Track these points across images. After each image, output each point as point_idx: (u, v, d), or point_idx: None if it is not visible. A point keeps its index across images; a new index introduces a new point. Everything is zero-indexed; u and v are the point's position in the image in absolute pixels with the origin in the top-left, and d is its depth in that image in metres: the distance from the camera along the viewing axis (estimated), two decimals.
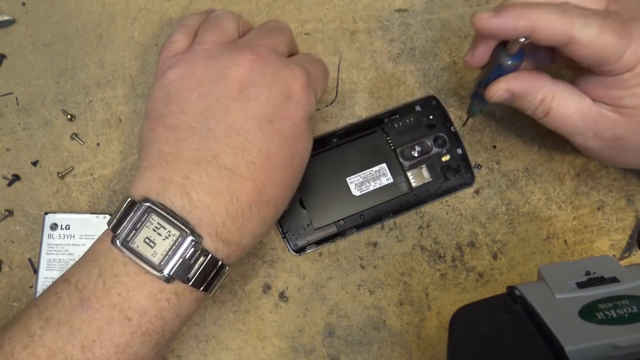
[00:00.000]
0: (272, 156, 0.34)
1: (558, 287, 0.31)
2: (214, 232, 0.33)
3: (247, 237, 0.35)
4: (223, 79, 0.35)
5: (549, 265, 0.33)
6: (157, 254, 0.32)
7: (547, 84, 0.38)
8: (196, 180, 0.33)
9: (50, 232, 0.46)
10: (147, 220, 0.33)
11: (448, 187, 0.45)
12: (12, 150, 0.48)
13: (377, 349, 0.44)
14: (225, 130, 0.34)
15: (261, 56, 0.36)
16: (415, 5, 0.49)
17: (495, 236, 0.45)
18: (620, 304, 0.29)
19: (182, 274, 0.33)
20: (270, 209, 0.35)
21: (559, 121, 0.38)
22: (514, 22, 0.34)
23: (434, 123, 0.46)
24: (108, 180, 0.47)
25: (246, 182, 0.34)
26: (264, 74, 0.35)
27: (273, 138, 0.35)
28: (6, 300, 0.46)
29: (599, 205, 0.46)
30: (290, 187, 0.37)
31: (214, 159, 0.34)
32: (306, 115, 0.37)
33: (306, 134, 0.37)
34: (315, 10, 0.49)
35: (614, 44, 0.34)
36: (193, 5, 0.49)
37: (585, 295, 0.30)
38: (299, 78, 0.36)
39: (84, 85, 0.49)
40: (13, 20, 0.49)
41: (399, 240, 0.45)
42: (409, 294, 0.45)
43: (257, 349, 0.44)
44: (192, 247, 0.32)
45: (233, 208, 0.33)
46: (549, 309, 0.30)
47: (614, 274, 0.31)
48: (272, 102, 0.35)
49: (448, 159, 0.45)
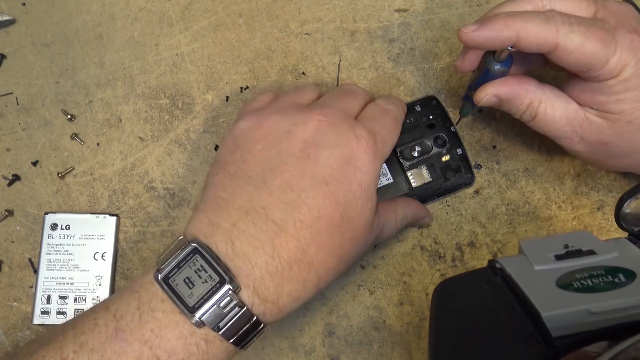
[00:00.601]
0: (321, 218, 0.34)
1: (537, 260, 0.32)
2: (252, 285, 0.33)
3: (285, 297, 0.34)
4: (288, 135, 0.35)
5: (529, 239, 0.34)
6: (193, 296, 0.32)
7: (533, 89, 0.38)
8: (242, 229, 0.33)
9: (50, 232, 0.46)
10: (190, 260, 0.33)
11: (448, 187, 0.45)
12: (12, 150, 0.48)
13: (377, 349, 0.44)
14: (280, 185, 0.34)
15: (329, 117, 0.36)
16: (415, 5, 0.49)
17: (495, 236, 0.45)
18: (596, 274, 0.30)
19: (212, 321, 0.32)
20: (311, 273, 0.34)
21: (545, 125, 0.39)
22: (498, 33, 0.35)
23: (434, 123, 0.46)
24: (108, 180, 0.47)
25: (290, 239, 0.33)
26: (327, 135, 0.35)
27: (325, 200, 0.34)
28: (6, 300, 0.46)
29: (599, 205, 0.46)
30: (337, 254, 0.35)
31: (264, 210, 0.34)
32: (366, 181, 0.36)
33: (362, 202, 0.35)
34: (315, 10, 0.49)
35: (598, 50, 0.34)
36: (193, 5, 0.49)
37: (562, 266, 0.31)
38: (362, 143, 0.36)
39: (84, 85, 0.49)
40: (13, 20, 0.49)
41: (399, 241, 0.45)
42: (409, 294, 0.45)
43: (257, 349, 0.44)
44: (227, 296, 0.32)
45: (273, 264, 0.33)
46: (527, 279, 0.30)
47: (592, 247, 0.32)
48: (331, 164, 0.35)
49: (448, 159, 0.45)
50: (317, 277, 0.35)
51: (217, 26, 0.49)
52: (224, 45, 0.49)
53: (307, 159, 0.35)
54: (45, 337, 0.34)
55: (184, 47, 0.49)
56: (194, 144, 0.48)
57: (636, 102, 0.36)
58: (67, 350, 0.32)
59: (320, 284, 0.35)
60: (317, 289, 0.35)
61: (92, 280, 0.45)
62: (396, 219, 0.40)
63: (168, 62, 0.49)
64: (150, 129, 0.48)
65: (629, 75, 0.35)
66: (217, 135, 0.48)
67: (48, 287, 0.45)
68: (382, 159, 0.37)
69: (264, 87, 0.48)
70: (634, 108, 0.36)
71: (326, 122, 0.36)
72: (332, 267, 0.35)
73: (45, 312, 0.45)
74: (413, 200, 0.44)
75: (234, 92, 0.48)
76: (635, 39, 0.35)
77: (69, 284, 0.45)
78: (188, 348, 0.32)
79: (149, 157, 0.48)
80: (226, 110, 0.48)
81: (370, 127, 0.37)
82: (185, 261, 0.33)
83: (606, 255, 0.31)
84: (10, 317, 0.46)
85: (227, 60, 0.49)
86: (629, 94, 0.35)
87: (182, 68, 0.49)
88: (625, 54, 0.34)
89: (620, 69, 0.35)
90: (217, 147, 0.47)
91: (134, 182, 0.47)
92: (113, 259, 0.46)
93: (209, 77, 0.49)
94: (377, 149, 0.36)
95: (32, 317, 0.45)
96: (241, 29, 0.49)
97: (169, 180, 0.47)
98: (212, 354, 0.33)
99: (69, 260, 0.45)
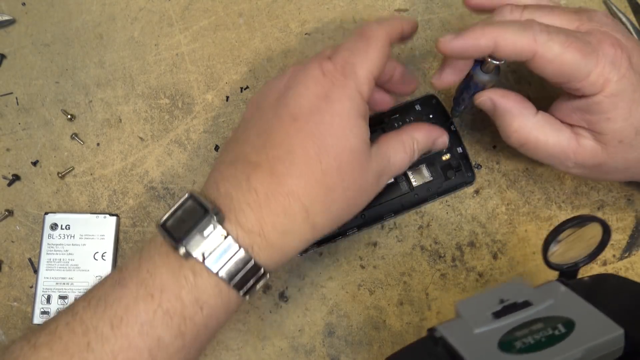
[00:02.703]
0: (292, 151, 0.35)
1: (475, 321, 0.30)
2: (234, 218, 0.34)
3: (269, 229, 0.34)
4: (267, 91, 0.39)
5: (465, 300, 0.32)
6: (181, 230, 0.34)
7: (527, 115, 0.38)
8: (226, 175, 0.36)
9: (50, 232, 0.46)
10: (184, 206, 0.35)
11: (449, 186, 0.45)
12: (12, 150, 0.48)
13: (377, 349, 0.44)
14: (257, 133, 0.37)
15: (302, 64, 0.38)
16: (415, 5, 0.49)
17: (495, 236, 0.45)
18: (536, 329, 0.29)
19: (197, 250, 0.34)
20: (293, 203, 0.35)
21: (537, 152, 0.39)
22: (476, 41, 0.35)
23: (433, 122, 0.46)
24: (108, 180, 0.47)
25: (265, 174, 0.35)
26: (296, 78, 0.37)
27: (297, 133, 0.35)
28: (6, 300, 0.46)
29: (599, 205, 0.46)
30: (321, 183, 0.35)
31: (244, 157, 0.36)
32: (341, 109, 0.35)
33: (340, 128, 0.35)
34: (315, 10, 0.49)
35: (577, 61, 0.34)
36: (193, 5, 0.49)
37: (501, 325, 0.30)
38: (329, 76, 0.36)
39: (84, 85, 0.49)
40: (13, 20, 0.49)
41: (399, 240, 0.45)
42: (409, 293, 0.45)
43: (257, 348, 0.44)
44: (210, 224, 0.34)
45: (251, 197, 0.35)
46: (469, 346, 0.29)
47: (526, 297, 0.31)
48: (300, 101, 0.36)
49: (448, 157, 0.45)
50: (303, 209, 0.35)
51: (217, 26, 0.49)
52: (224, 45, 0.49)
53: (278, 103, 0.37)
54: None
55: (184, 47, 0.49)
56: (194, 144, 0.48)
57: (626, 121, 0.36)
58: (77, 308, 0.34)
59: (311, 217, 0.35)
60: (309, 224, 0.35)
61: (92, 280, 0.45)
62: (403, 144, 0.39)
63: (168, 62, 0.49)
64: (150, 129, 0.48)
65: (614, 91, 0.35)
66: (217, 135, 0.48)
67: (48, 287, 0.45)
68: (355, 85, 0.36)
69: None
70: (624, 127, 0.36)
71: (298, 68, 0.38)
72: (319, 199, 0.35)
73: (45, 312, 0.45)
74: (421, 122, 0.42)
75: (234, 92, 0.48)
76: (619, 53, 0.35)
77: (69, 283, 0.45)
78: (178, 282, 0.33)
79: (149, 157, 0.48)
80: (226, 110, 0.48)
81: (341, 58, 0.37)
82: (180, 207, 0.35)
83: (541, 304, 0.30)
84: (10, 317, 0.46)
85: (227, 60, 0.49)
86: (619, 112, 0.35)
87: (182, 68, 0.49)
88: (608, 68, 0.34)
89: (602, 83, 0.35)
90: (217, 147, 0.47)
91: (134, 182, 0.47)
92: (113, 259, 0.46)
93: (209, 77, 0.49)
94: (347, 76, 0.36)
95: (32, 317, 0.45)
96: (241, 29, 0.49)
97: (169, 180, 0.47)
98: (201, 288, 0.34)
99: (69, 260, 0.45)
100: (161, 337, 0.33)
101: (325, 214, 0.36)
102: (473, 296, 0.33)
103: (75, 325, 0.33)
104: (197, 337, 0.35)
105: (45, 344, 0.33)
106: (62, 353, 0.33)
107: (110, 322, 0.33)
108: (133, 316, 0.33)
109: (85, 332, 0.33)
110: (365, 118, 0.37)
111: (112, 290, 0.34)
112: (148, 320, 0.33)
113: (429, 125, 0.41)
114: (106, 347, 0.33)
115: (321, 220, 0.36)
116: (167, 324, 0.33)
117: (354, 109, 0.36)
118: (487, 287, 0.44)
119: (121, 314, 0.33)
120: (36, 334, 0.34)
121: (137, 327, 0.33)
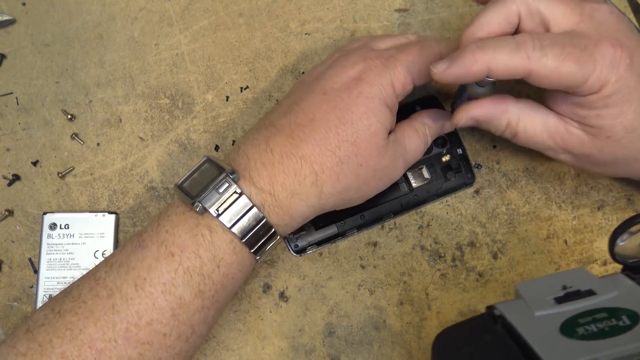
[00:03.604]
0: (315, 119, 0.37)
1: (536, 304, 0.31)
2: (248, 175, 0.36)
3: (279, 188, 0.36)
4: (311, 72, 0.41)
5: (526, 282, 0.33)
6: (197, 188, 0.36)
7: (510, 108, 0.38)
8: (249, 138, 0.38)
9: (49, 232, 0.46)
10: (202, 167, 0.37)
11: (448, 187, 0.45)
12: (12, 150, 0.48)
13: (377, 348, 0.44)
14: (288, 104, 0.39)
15: (347, 50, 0.41)
16: (415, 5, 0.49)
17: (496, 236, 0.45)
18: (599, 317, 0.29)
19: (211, 205, 0.35)
20: (304, 166, 0.36)
21: (527, 141, 0.39)
22: (468, 69, 0.35)
23: None
24: (108, 180, 0.47)
25: (284, 136, 0.37)
26: (338, 61, 0.39)
27: (322, 105, 0.37)
28: (6, 300, 0.46)
29: (599, 205, 0.46)
30: (335, 154, 0.37)
31: (270, 122, 0.38)
32: (369, 91, 0.37)
33: (364, 108, 0.37)
34: (315, 10, 0.49)
35: (574, 71, 0.34)
36: (193, 5, 0.49)
37: (563, 310, 0.30)
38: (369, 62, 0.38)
39: (84, 85, 0.49)
40: (13, 20, 0.49)
41: (399, 240, 0.45)
42: (409, 293, 0.45)
43: (257, 348, 0.44)
44: (225, 181, 0.35)
45: (266, 156, 0.37)
46: (529, 327, 0.30)
47: (590, 286, 0.31)
48: (334, 78, 0.38)
49: (448, 159, 0.45)
50: (313, 174, 0.37)
51: (217, 26, 0.49)
52: (224, 45, 0.49)
53: (315, 79, 0.39)
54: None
55: (184, 47, 0.49)
56: (194, 144, 0.48)
57: (616, 119, 0.35)
58: (99, 273, 0.36)
59: (319, 182, 0.37)
60: (317, 189, 0.37)
61: None
62: (416, 131, 0.41)
63: (168, 62, 0.49)
64: (150, 129, 0.48)
65: (610, 93, 0.34)
66: (217, 135, 0.48)
67: (49, 287, 0.45)
68: (391, 77, 0.38)
69: (264, 87, 0.48)
70: (613, 125, 0.36)
71: (342, 53, 0.40)
72: (330, 166, 0.37)
73: None
74: (427, 110, 0.43)
75: (234, 92, 0.48)
76: (618, 54, 0.34)
77: (70, 283, 0.45)
78: (195, 239, 0.35)
79: (149, 157, 0.48)
80: (226, 110, 0.48)
81: (387, 51, 0.40)
82: (197, 169, 0.37)
83: (606, 295, 0.30)
84: (10, 317, 0.46)
85: (227, 60, 0.49)
86: (610, 111, 0.35)
87: (182, 68, 0.49)
88: (606, 71, 0.34)
89: (600, 86, 0.34)
90: (217, 147, 0.47)
91: (134, 182, 0.47)
92: None
93: (209, 77, 0.49)
94: (387, 66, 0.38)
95: None
96: (241, 29, 0.49)
97: (169, 180, 0.47)
98: (217, 244, 0.35)
99: (69, 259, 0.45)
100: (182, 296, 0.35)
101: (334, 183, 0.37)
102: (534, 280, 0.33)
103: (99, 290, 0.35)
104: (215, 297, 0.36)
105: (70, 310, 0.34)
106: (88, 317, 0.34)
107: (134, 282, 0.34)
108: (156, 276, 0.34)
109: (109, 295, 0.34)
110: (390, 108, 0.38)
111: (133, 253, 0.35)
112: (170, 279, 0.34)
113: (435, 110, 0.43)
114: (131, 308, 0.34)
115: (328, 189, 0.37)
116: (188, 282, 0.35)
117: (381, 95, 0.38)
118: (488, 286, 0.45)
119: (144, 274, 0.34)
120: (59, 301, 0.35)
121: (160, 286, 0.34)
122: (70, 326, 0.33)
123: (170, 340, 0.35)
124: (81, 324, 0.33)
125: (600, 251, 0.45)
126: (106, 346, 0.33)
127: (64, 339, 0.33)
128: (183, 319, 0.35)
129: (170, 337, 0.35)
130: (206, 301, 0.36)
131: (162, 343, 0.35)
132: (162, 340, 0.35)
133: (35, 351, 0.33)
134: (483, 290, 0.44)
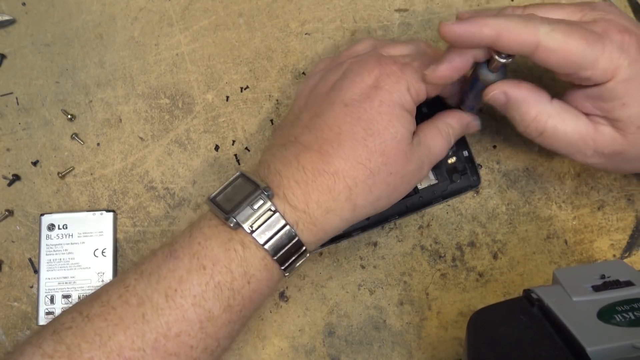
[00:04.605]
0: (342, 133, 0.37)
1: (574, 290, 0.31)
2: (282, 193, 0.36)
3: (314, 206, 0.36)
4: (323, 81, 0.41)
5: (564, 268, 0.34)
6: (231, 204, 0.36)
7: (544, 102, 0.37)
8: (277, 155, 0.38)
9: (48, 233, 0.46)
10: (235, 182, 0.38)
11: (454, 189, 0.45)
12: (12, 150, 0.48)
13: (377, 348, 0.44)
14: (309, 118, 0.39)
15: (359, 57, 0.40)
16: (415, 5, 0.49)
17: (496, 236, 0.45)
18: (637, 307, 0.30)
19: (245, 220, 0.35)
20: (338, 182, 0.36)
21: (556, 141, 0.38)
22: (479, 29, 0.34)
23: None
24: (108, 180, 0.47)
25: (314, 154, 0.37)
26: (352, 70, 0.39)
27: (346, 117, 0.37)
28: (6, 300, 0.46)
29: (599, 205, 0.46)
30: (365, 166, 0.37)
31: (295, 138, 0.38)
32: (389, 99, 0.37)
33: (387, 117, 0.37)
34: (315, 10, 0.49)
35: (582, 49, 0.33)
36: (193, 5, 0.49)
37: (602, 298, 0.31)
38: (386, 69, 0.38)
39: (84, 85, 0.49)
40: (13, 20, 0.49)
41: (399, 240, 0.45)
42: (409, 293, 0.45)
43: (257, 348, 0.44)
44: (260, 198, 0.35)
45: (299, 174, 0.36)
46: (567, 311, 0.30)
47: (629, 277, 0.32)
48: (353, 89, 0.38)
49: (454, 161, 0.45)
50: (347, 189, 0.37)
51: (217, 26, 0.49)
52: (224, 45, 0.49)
53: (333, 91, 0.39)
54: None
55: (184, 47, 0.49)
56: (194, 144, 0.48)
57: None
58: (129, 280, 0.35)
59: (353, 197, 0.37)
60: (351, 204, 0.37)
61: (94, 277, 0.45)
62: (440, 131, 0.41)
63: (168, 62, 0.49)
64: (151, 129, 0.48)
65: (627, 76, 0.34)
66: (217, 135, 0.48)
67: (50, 287, 0.45)
68: (407, 82, 0.38)
69: (264, 87, 0.48)
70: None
71: (355, 60, 0.40)
72: (362, 179, 0.37)
73: (49, 312, 0.45)
74: (450, 110, 0.43)
75: (234, 92, 0.48)
76: (627, 38, 0.34)
77: (71, 282, 0.45)
78: (228, 254, 0.35)
79: (149, 157, 0.48)
80: (226, 110, 0.48)
81: (403, 59, 0.40)
82: (230, 184, 0.38)
83: None
84: (10, 317, 0.46)
85: (227, 60, 0.49)
86: (633, 97, 0.35)
87: (182, 68, 0.49)
88: (616, 54, 0.34)
89: (613, 70, 0.34)
90: (217, 147, 0.47)
91: (134, 182, 0.47)
92: (113, 254, 0.46)
93: (209, 77, 0.49)
94: (404, 72, 0.38)
95: (37, 318, 0.45)
96: (241, 29, 0.49)
97: (169, 180, 0.47)
98: (249, 260, 0.35)
99: (69, 259, 0.45)
100: (211, 309, 0.34)
101: (367, 195, 0.37)
102: (572, 267, 0.34)
103: (128, 297, 0.34)
104: (242, 311, 0.36)
105: (99, 315, 0.34)
106: (117, 324, 0.33)
107: (164, 293, 0.34)
108: (187, 288, 0.34)
109: (140, 304, 0.34)
110: (410, 112, 0.39)
111: (164, 262, 0.35)
112: (201, 292, 0.34)
113: (458, 111, 0.43)
114: (161, 319, 0.34)
115: (362, 202, 0.37)
116: (218, 296, 0.35)
117: (401, 102, 0.38)
118: (488, 286, 0.45)
119: (175, 285, 0.34)
120: (87, 304, 0.35)
121: (191, 299, 0.34)
122: (99, 332, 0.33)
123: (197, 353, 0.35)
124: (110, 330, 0.33)
125: (600, 251, 0.45)
126: (134, 355, 0.33)
127: (92, 344, 0.33)
128: (210, 332, 0.35)
129: (196, 350, 0.35)
130: (234, 315, 0.36)
131: (189, 355, 0.34)
132: (189, 352, 0.34)
133: (62, 354, 0.33)
134: (483, 290, 0.44)
